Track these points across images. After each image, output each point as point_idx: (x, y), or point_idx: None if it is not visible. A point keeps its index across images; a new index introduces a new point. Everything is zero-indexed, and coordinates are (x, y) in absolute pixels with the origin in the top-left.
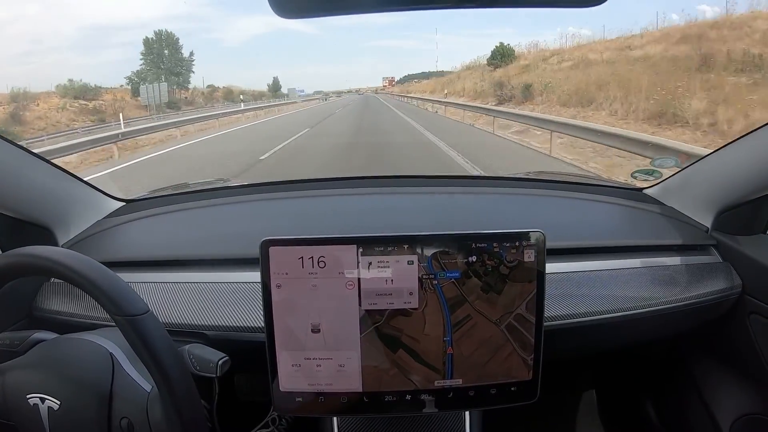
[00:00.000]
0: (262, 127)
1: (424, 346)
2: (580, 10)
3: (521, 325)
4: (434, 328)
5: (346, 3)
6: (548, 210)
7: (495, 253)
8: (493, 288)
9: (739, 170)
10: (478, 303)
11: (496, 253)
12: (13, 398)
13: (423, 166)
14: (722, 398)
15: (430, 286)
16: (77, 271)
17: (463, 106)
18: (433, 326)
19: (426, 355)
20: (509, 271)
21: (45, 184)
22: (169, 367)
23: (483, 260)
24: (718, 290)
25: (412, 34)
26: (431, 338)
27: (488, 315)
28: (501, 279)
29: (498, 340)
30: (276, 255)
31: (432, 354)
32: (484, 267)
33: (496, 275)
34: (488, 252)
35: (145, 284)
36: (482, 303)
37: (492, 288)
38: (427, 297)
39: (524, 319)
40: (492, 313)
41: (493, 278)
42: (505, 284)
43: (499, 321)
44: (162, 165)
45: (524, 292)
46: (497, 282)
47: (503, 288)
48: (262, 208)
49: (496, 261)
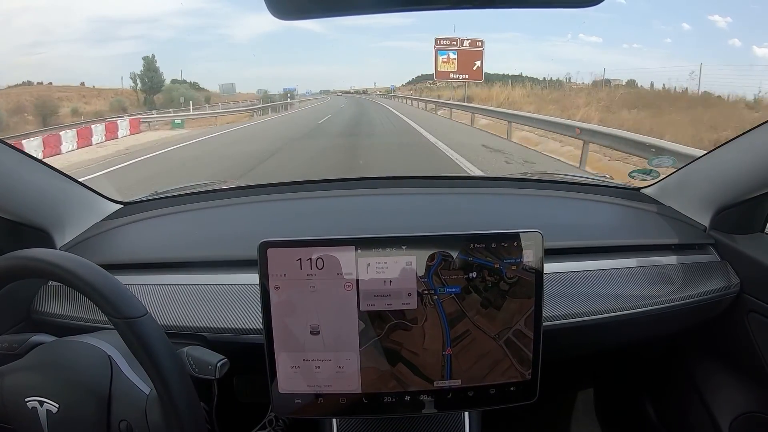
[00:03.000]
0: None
1: (423, 360)
2: (580, 10)
3: (520, 340)
4: (433, 342)
5: (342, 4)
6: (547, 210)
7: (495, 270)
8: (493, 304)
9: (737, 169)
10: (478, 318)
11: (496, 269)
12: (12, 401)
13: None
14: (721, 397)
15: (431, 301)
16: (75, 274)
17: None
18: (433, 340)
19: (424, 368)
20: (509, 287)
21: (42, 186)
22: (167, 370)
23: (483, 276)
24: (716, 289)
25: (423, 35)
26: (430, 352)
27: (487, 330)
28: (501, 295)
29: (496, 355)
30: (274, 256)
31: (430, 367)
32: (485, 283)
33: (496, 291)
34: (489, 268)
35: (143, 287)
36: (481, 318)
37: (491, 304)
38: (427, 312)
39: (523, 335)
40: (491, 329)
41: (493, 294)
42: (504, 300)
43: (498, 336)
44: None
45: (523, 308)
46: (497, 298)
47: (503, 304)
48: (260, 209)
49: (496, 277)
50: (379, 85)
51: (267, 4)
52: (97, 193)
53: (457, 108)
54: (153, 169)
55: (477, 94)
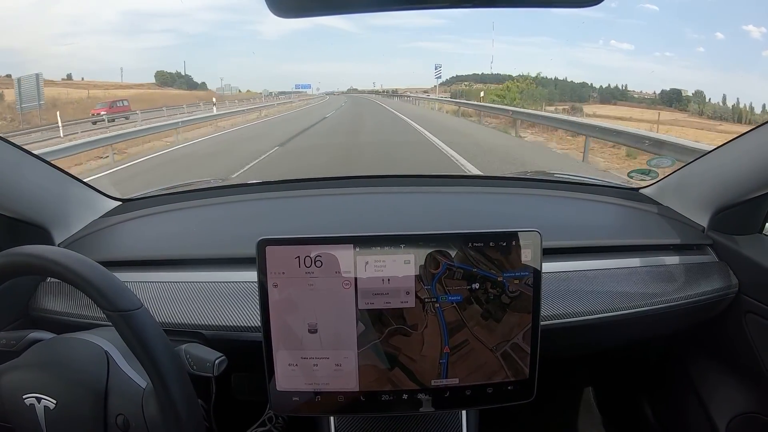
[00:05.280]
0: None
1: (420, 366)
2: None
3: (516, 354)
4: (431, 349)
5: (343, 2)
6: (545, 210)
7: (498, 283)
8: (493, 316)
9: (735, 170)
10: (477, 329)
11: (499, 282)
12: (10, 399)
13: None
14: (719, 397)
15: (432, 309)
16: (69, 268)
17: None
18: (431, 348)
19: (421, 375)
20: (510, 300)
21: (41, 183)
22: (163, 362)
23: (486, 288)
24: (714, 290)
25: (451, 37)
26: (428, 359)
27: (485, 341)
28: (501, 308)
29: (492, 366)
30: (273, 254)
31: (426, 374)
32: (486, 295)
33: (497, 304)
34: (492, 280)
35: (141, 283)
36: (481, 329)
37: (492, 316)
38: (427, 319)
39: (520, 349)
40: (489, 340)
41: (494, 306)
42: (504, 313)
43: (495, 348)
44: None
45: (523, 322)
46: (497, 310)
47: (503, 317)
48: (259, 207)
49: (498, 290)
50: (409, 84)
51: (267, 2)
52: (96, 190)
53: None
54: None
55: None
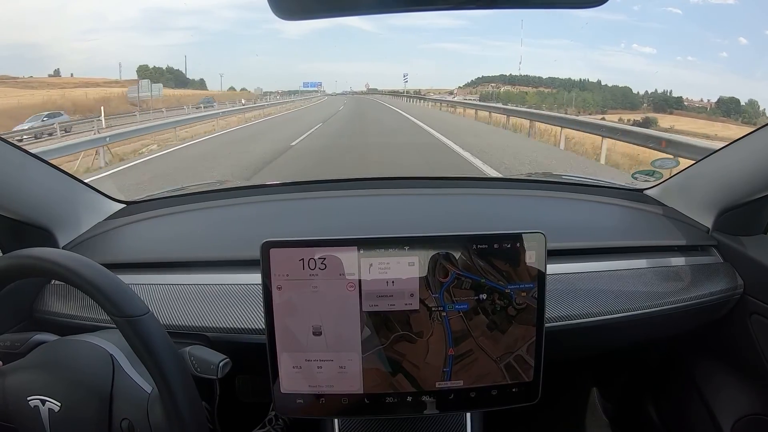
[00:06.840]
0: None
1: (423, 374)
2: (584, 11)
3: (520, 366)
4: (435, 357)
5: (346, 4)
6: (550, 211)
7: (505, 294)
8: (498, 327)
9: (740, 171)
10: (482, 339)
11: (506, 294)
12: (14, 400)
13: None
14: (724, 399)
15: (438, 317)
16: (76, 273)
17: None
18: (435, 356)
19: (423, 382)
20: (516, 312)
21: (45, 185)
22: (169, 368)
23: (493, 299)
24: (719, 291)
25: (472, 38)
26: (431, 367)
27: (490, 352)
28: (507, 320)
29: (495, 376)
30: (277, 257)
31: (429, 382)
32: (493, 306)
33: (504, 315)
34: (499, 292)
35: (146, 286)
36: (486, 340)
37: (497, 327)
38: (433, 327)
39: (524, 361)
40: (493, 351)
41: (500, 318)
42: (510, 325)
43: (499, 359)
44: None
45: (527, 335)
46: (503, 322)
47: (508, 328)
48: (263, 209)
49: (505, 302)
50: (433, 86)
51: (270, 3)
52: (100, 192)
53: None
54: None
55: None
